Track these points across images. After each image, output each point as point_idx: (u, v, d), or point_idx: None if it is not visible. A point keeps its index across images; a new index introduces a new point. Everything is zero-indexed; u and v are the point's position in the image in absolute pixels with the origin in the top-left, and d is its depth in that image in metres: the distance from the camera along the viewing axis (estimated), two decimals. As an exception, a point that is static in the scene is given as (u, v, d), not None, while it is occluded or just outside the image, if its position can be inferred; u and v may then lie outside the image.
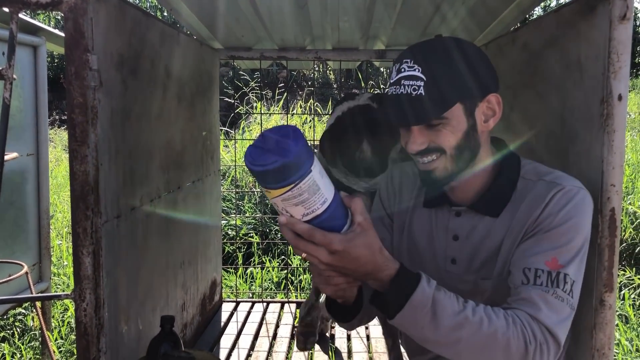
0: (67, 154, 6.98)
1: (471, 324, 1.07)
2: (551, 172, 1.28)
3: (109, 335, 1.51)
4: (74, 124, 1.36)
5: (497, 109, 1.26)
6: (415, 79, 1.18)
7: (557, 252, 1.16)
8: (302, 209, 0.94)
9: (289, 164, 0.88)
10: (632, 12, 1.35)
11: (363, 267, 1.04)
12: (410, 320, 1.08)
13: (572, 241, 1.17)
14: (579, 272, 1.18)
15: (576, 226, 1.18)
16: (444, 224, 1.34)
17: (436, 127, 1.20)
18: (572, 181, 1.24)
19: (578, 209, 1.19)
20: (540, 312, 1.12)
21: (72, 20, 1.33)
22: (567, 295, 1.14)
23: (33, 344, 3.41)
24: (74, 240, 1.39)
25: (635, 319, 3.53)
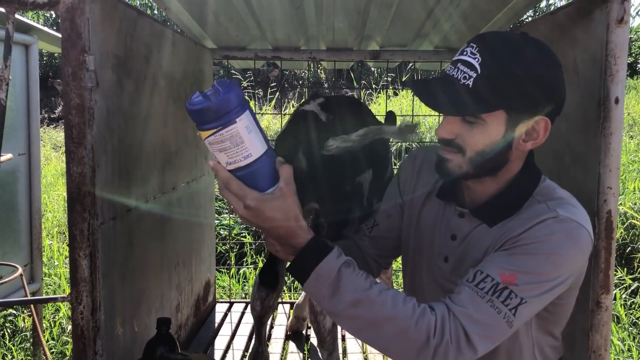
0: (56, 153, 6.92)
1: (371, 304, 1.06)
2: (560, 199, 1.17)
3: (105, 337, 1.50)
4: (71, 125, 1.35)
5: (542, 134, 1.16)
6: (471, 67, 1.12)
7: (520, 272, 1.08)
8: (225, 157, 1.03)
9: (211, 108, 0.98)
10: (629, 15, 1.36)
11: (275, 229, 1.08)
12: (314, 290, 1.09)
13: (543, 270, 1.09)
14: (536, 301, 1.10)
15: (556, 259, 1.10)
16: (447, 220, 1.33)
17: (471, 124, 1.15)
18: (576, 214, 1.13)
19: (566, 243, 1.10)
20: (463, 311, 1.07)
21: (69, 21, 1.32)
22: (506, 309, 1.07)
23: (24, 345, 3.38)
24: (71, 242, 1.38)
25: (627, 319, 3.56)
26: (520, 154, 1.20)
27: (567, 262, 1.11)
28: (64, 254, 4.54)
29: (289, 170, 1.09)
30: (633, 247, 4.30)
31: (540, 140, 1.17)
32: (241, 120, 1.01)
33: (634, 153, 6.17)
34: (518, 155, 1.20)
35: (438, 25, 2.59)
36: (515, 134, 1.15)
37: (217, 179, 1.08)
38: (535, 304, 1.11)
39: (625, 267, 4.13)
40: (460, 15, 2.39)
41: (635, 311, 3.70)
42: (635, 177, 5.22)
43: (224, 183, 1.06)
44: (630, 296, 3.87)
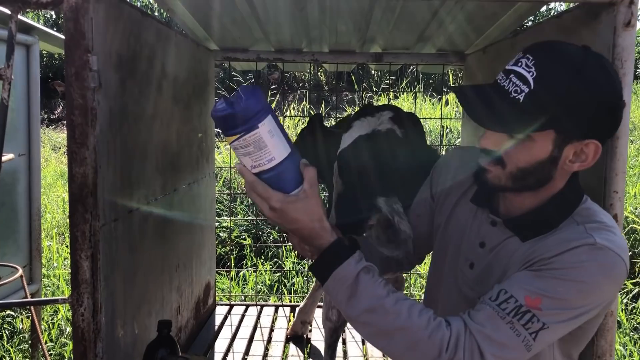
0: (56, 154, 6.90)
1: (386, 312, 1.06)
2: (599, 223, 1.11)
3: (105, 340, 1.48)
4: (74, 126, 1.33)
5: (591, 158, 1.10)
6: (524, 81, 1.06)
7: (546, 297, 1.04)
8: (250, 161, 1.07)
9: (234, 114, 1.02)
10: (636, 18, 1.35)
11: (300, 230, 1.10)
12: (333, 292, 1.10)
13: (570, 297, 1.05)
14: (558, 327, 1.07)
15: (586, 288, 1.05)
16: (478, 227, 1.29)
17: (517, 140, 1.10)
18: (613, 242, 1.07)
19: (598, 273, 1.05)
20: (480, 330, 1.05)
21: (72, 21, 1.31)
22: (526, 332, 1.04)
23: (22, 347, 3.36)
24: (72, 243, 1.36)
25: (628, 324, 3.55)
26: (565, 174, 1.15)
27: (596, 291, 1.07)
28: (62, 255, 4.52)
29: (313, 172, 1.10)
30: (634, 252, 4.29)
31: (589, 164, 1.11)
32: (263, 126, 1.04)
33: (634, 158, 6.17)
34: (563, 174, 1.15)
35: (442, 28, 2.58)
36: (563, 155, 1.10)
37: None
38: (557, 330, 1.07)
39: (626, 272, 4.12)
40: (464, 17, 2.39)
41: (637, 316, 3.68)
42: (635, 182, 5.22)
43: (250, 186, 1.08)
44: (632, 301, 3.86)
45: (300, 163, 1.10)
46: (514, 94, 1.06)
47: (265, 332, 3.01)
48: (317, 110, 7.82)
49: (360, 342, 2.91)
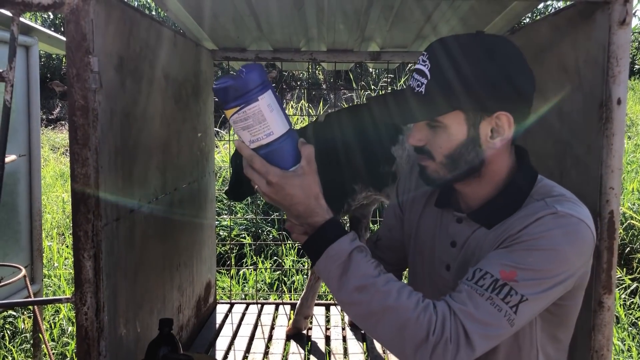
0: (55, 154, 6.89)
1: (376, 292, 1.06)
2: (558, 196, 1.16)
3: (108, 338, 1.50)
4: (75, 127, 1.35)
5: (507, 129, 1.15)
6: (422, 74, 1.15)
7: (520, 269, 1.07)
8: (248, 135, 1.07)
9: (235, 86, 1.04)
10: (631, 17, 1.37)
11: (295, 206, 1.10)
12: (324, 269, 1.11)
13: (543, 267, 1.07)
14: (538, 299, 1.08)
15: (556, 255, 1.08)
16: (446, 228, 1.32)
17: (434, 129, 1.17)
18: (575, 210, 1.11)
19: (565, 239, 1.08)
20: (463, 307, 1.06)
21: (73, 23, 1.32)
22: (506, 307, 1.05)
23: (24, 347, 3.38)
24: (75, 243, 1.38)
25: (626, 319, 3.57)
26: (496, 153, 1.18)
27: (567, 258, 1.09)
28: (63, 255, 4.54)
29: (311, 149, 1.11)
30: (632, 247, 4.31)
31: (507, 136, 1.16)
32: (263, 99, 1.05)
33: (632, 154, 6.19)
34: (494, 154, 1.18)
35: (438, 28, 2.59)
36: (480, 133, 1.16)
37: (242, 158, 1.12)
38: (537, 302, 1.08)
39: (624, 268, 4.14)
40: (459, 18, 2.40)
41: (635, 311, 3.71)
42: (633, 178, 5.24)
43: (248, 160, 1.09)
44: (630, 296, 3.88)
45: (298, 141, 1.11)
46: (417, 88, 1.15)
47: (266, 330, 3.03)
48: (316, 109, 7.83)
49: (361, 340, 2.93)
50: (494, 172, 1.21)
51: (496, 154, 1.19)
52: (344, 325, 3.09)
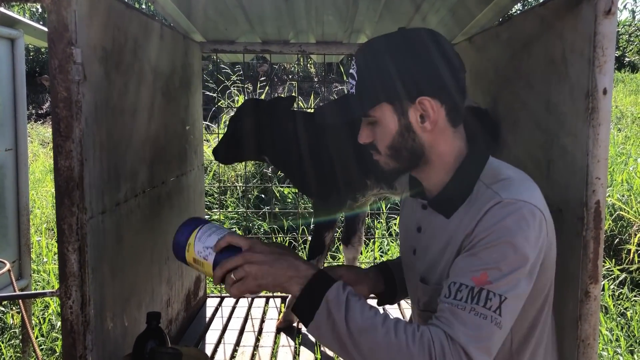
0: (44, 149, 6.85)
1: (377, 331, 1.07)
2: (504, 180, 1.19)
3: (94, 332, 1.49)
4: (58, 119, 1.33)
5: (432, 112, 1.20)
6: (352, 77, 1.25)
7: (488, 268, 1.08)
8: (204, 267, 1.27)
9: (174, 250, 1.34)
10: (617, 6, 1.37)
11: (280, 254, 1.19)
12: (325, 318, 1.12)
13: (506, 258, 1.09)
14: (516, 295, 1.09)
15: (513, 243, 1.09)
16: (415, 214, 1.37)
17: (373, 125, 1.25)
18: (518, 193, 1.14)
19: (515, 225, 1.10)
20: (452, 328, 1.07)
21: (55, 13, 1.30)
22: (490, 313, 1.06)
23: (13, 342, 3.36)
24: (59, 237, 1.37)
25: (615, 310, 3.60)
26: (434, 137, 1.23)
27: (525, 244, 1.10)
28: (52, 250, 4.51)
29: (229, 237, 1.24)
30: (621, 238, 4.34)
31: (435, 118, 1.21)
32: (190, 253, 1.29)
33: (621, 145, 6.22)
34: (431, 138, 1.23)
35: (427, 19, 2.59)
36: (411, 120, 1.21)
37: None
38: (517, 297, 1.10)
39: (613, 259, 4.17)
40: (448, 9, 2.40)
41: (623, 302, 3.73)
42: (622, 169, 5.27)
43: (220, 272, 1.21)
44: (618, 287, 3.91)
45: (222, 240, 1.23)
46: (350, 90, 1.25)
47: (256, 324, 3.03)
48: (307, 102, 7.82)
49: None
50: (441, 157, 1.25)
51: (435, 138, 1.24)
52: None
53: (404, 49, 1.20)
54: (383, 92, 1.20)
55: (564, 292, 1.57)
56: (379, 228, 4.93)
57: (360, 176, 2.64)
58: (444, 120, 1.22)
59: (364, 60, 1.23)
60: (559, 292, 1.59)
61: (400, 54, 1.19)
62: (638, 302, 3.71)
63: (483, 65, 2.44)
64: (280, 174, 5.64)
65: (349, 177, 2.63)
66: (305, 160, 2.63)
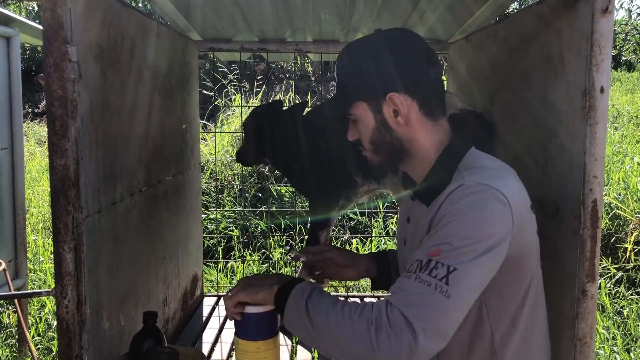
0: (41, 148, 6.85)
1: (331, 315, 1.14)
2: (476, 167, 1.22)
3: (91, 331, 1.48)
4: (54, 117, 1.33)
5: (402, 107, 1.27)
6: (334, 80, 1.35)
7: (442, 243, 1.11)
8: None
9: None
10: (614, 5, 1.37)
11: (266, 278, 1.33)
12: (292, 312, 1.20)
13: (458, 234, 1.11)
14: (469, 267, 1.08)
15: (464, 220, 1.11)
16: (406, 206, 1.43)
17: (355, 123, 1.34)
18: (483, 178, 1.16)
19: (472, 206, 1.12)
20: (394, 295, 1.10)
21: (50, 11, 1.30)
22: (436, 280, 1.06)
23: (9, 342, 3.35)
24: (55, 236, 1.36)
25: (611, 308, 3.61)
26: (411, 130, 1.29)
27: (480, 224, 1.11)
28: (49, 249, 4.50)
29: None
30: (617, 237, 4.35)
31: (406, 113, 1.27)
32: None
33: (618, 144, 6.23)
34: (408, 131, 1.29)
35: (424, 17, 2.58)
36: (386, 116, 1.28)
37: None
38: (470, 270, 1.08)
39: (610, 257, 4.18)
40: (446, 7, 2.40)
41: (620, 300, 3.74)
42: (619, 168, 5.27)
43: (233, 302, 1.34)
44: (615, 285, 3.92)
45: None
46: (333, 92, 1.41)
47: (253, 322, 3.02)
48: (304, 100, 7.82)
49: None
50: (421, 149, 1.30)
51: (412, 132, 1.30)
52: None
53: (375, 49, 1.27)
54: (358, 91, 1.29)
55: (560, 290, 1.57)
56: (376, 227, 4.93)
57: (349, 174, 2.67)
58: (418, 114, 1.28)
59: (342, 62, 1.31)
60: (555, 291, 1.59)
61: (372, 54, 1.27)
62: (634, 300, 3.72)
63: (480, 64, 2.44)
64: (277, 172, 5.63)
65: (339, 175, 2.66)
66: (300, 161, 2.67)
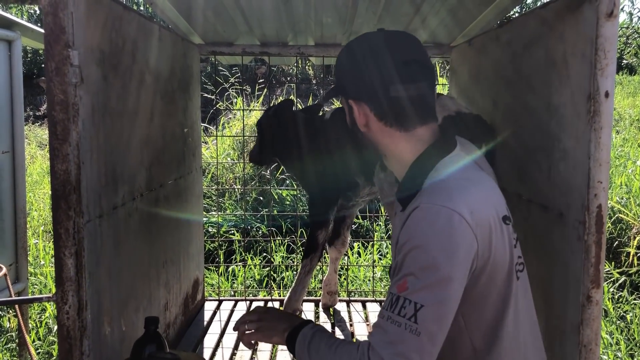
0: (42, 151, 6.84)
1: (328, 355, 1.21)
2: (438, 182, 1.19)
3: (92, 337, 1.47)
4: (55, 122, 1.32)
5: (357, 115, 1.29)
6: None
7: (407, 275, 1.11)
8: None
9: None
10: (618, 9, 1.36)
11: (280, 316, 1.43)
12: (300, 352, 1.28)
13: (420, 264, 1.10)
14: (435, 298, 1.09)
15: (424, 248, 1.10)
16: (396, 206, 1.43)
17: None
18: (438, 197, 1.14)
19: (430, 229, 1.11)
20: (373, 336, 1.14)
21: (51, 15, 1.29)
22: (405, 320, 1.09)
23: (10, 346, 3.34)
24: (56, 241, 1.35)
25: (615, 313, 3.59)
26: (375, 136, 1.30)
27: (441, 250, 1.10)
28: (50, 253, 4.49)
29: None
30: (620, 241, 4.33)
31: (363, 121, 1.29)
32: None
33: (620, 148, 6.22)
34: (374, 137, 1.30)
35: (426, 21, 2.58)
36: (355, 115, 1.30)
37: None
38: (435, 304, 1.09)
39: (612, 262, 4.16)
40: (447, 11, 2.39)
41: (623, 305, 3.72)
42: (622, 172, 5.26)
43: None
44: (618, 290, 3.90)
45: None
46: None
47: (254, 327, 3.01)
48: (305, 104, 7.81)
49: (349, 336, 2.92)
50: (393, 155, 1.30)
51: (378, 138, 1.30)
52: (333, 321, 3.08)
53: (357, 53, 1.28)
54: (337, 86, 1.34)
55: (564, 296, 1.55)
56: (378, 230, 4.92)
57: (351, 175, 2.67)
58: (379, 124, 1.28)
59: (339, 55, 1.34)
60: (559, 297, 1.58)
61: (352, 57, 1.28)
62: (638, 305, 3.70)
63: (483, 68, 2.43)
64: (279, 176, 5.62)
65: (340, 174, 2.67)
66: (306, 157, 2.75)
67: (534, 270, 1.73)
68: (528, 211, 1.85)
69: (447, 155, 1.25)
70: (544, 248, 1.71)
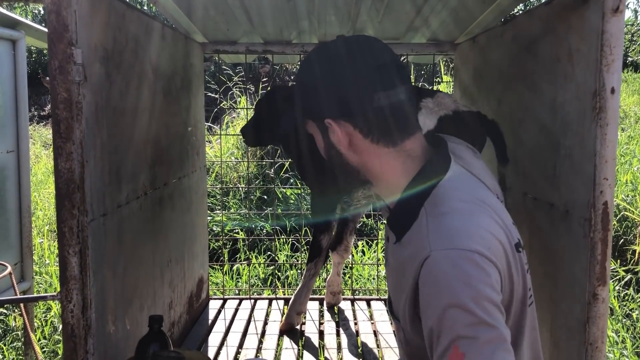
0: (47, 150, 6.86)
1: None
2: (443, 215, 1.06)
3: (96, 336, 1.47)
4: (58, 120, 1.32)
5: (339, 134, 1.13)
6: None
7: (458, 341, 0.97)
8: None
9: None
10: (624, 4, 1.35)
11: None
12: None
13: (466, 321, 0.96)
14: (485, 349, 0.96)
15: (458, 304, 0.97)
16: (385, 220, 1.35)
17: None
18: (450, 238, 1.02)
19: (459, 282, 0.98)
20: None
21: (55, 13, 1.29)
22: None
23: (15, 345, 3.35)
24: (60, 239, 1.35)
25: (620, 311, 3.57)
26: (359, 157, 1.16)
27: (477, 298, 0.98)
28: (54, 252, 4.50)
29: None
30: (626, 239, 4.31)
31: (345, 141, 1.14)
32: None
33: (625, 145, 6.19)
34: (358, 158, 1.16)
35: (428, 20, 2.57)
36: (332, 139, 1.16)
37: None
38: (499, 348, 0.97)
39: (618, 259, 4.14)
40: (450, 10, 2.38)
41: (629, 303, 3.71)
42: (627, 170, 5.24)
43: None
44: (624, 288, 3.89)
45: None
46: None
47: (259, 326, 3.01)
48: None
49: (354, 335, 2.91)
50: (379, 177, 1.17)
51: (362, 158, 1.16)
52: (338, 320, 3.08)
53: (321, 65, 1.14)
54: (304, 110, 1.18)
55: (570, 294, 1.55)
56: (382, 229, 4.91)
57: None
58: (365, 142, 1.13)
59: (298, 75, 1.20)
60: (565, 295, 1.57)
61: (316, 72, 1.14)
62: (643, 303, 3.68)
63: (487, 65, 2.42)
64: (283, 174, 5.62)
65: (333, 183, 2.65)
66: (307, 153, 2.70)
67: (540, 268, 1.72)
68: (534, 209, 1.84)
69: (443, 176, 1.13)
70: (550, 246, 1.70)
